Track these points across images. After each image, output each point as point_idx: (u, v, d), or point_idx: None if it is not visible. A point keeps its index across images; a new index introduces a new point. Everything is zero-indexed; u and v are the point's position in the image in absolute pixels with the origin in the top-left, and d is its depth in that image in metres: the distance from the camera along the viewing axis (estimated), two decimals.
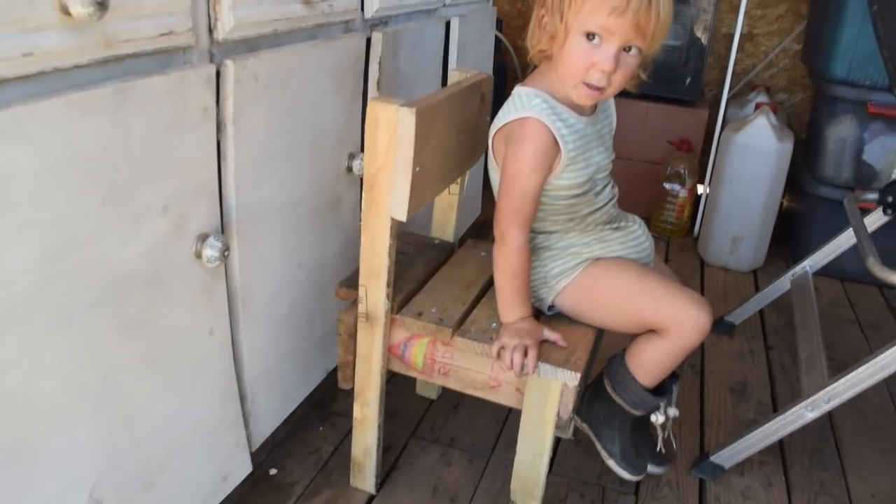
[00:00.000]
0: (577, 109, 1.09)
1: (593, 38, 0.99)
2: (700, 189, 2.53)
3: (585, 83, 1.02)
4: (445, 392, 1.54)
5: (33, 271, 0.70)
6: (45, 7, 0.66)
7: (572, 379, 1.01)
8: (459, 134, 1.14)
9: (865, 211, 1.68)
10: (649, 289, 1.10)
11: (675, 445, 1.34)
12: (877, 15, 1.35)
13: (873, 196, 1.66)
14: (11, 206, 0.66)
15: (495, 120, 1.11)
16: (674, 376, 1.27)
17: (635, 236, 1.18)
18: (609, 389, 1.19)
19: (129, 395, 0.86)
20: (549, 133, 1.04)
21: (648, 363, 1.13)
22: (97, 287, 0.78)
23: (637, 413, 1.19)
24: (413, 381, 1.54)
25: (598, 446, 1.25)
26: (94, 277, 0.78)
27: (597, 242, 1.14)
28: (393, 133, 0.96)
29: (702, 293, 2.15)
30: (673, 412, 1.26)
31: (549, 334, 1.08)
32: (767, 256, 2.35)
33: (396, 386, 1.54)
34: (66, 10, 0.68)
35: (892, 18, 1.23)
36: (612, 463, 1.24)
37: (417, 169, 0.98)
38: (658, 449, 1.23)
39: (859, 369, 1.21)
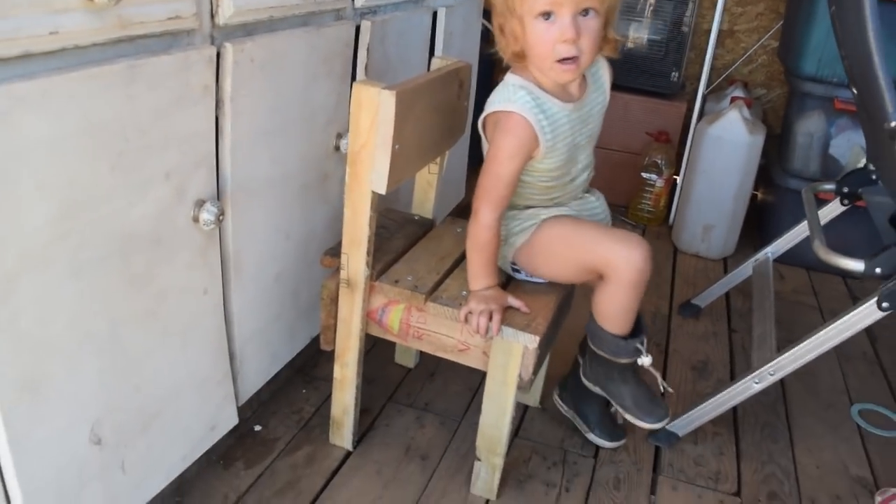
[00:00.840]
0: (564, 96, 1.17)
1: (548, 16, 1.06)
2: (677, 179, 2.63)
3: (558, 61, 1.08)
4: (422, 361, 1.64)
5: (51, 226, 0.79)
6: None
7: (532, 342, 1.11)
8: (438, 116, 1.23)
9: (826, 202, 1.79)
10: (585, 233, 1.19)
11: (622, 423, 1.43)
12: (834, 16, 1.44)
13: (831, 187, 1.76)
14: (35, 168, 0.76)
15: (487, 103, 1.18)
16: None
17: (590, 206, 1.28)
18: (592, 346, 1.28)
19: (130, 344, 0.95)
20: (530, 127, 1.12)
21: (607, 310, 1.21)
22: (106, 244, 0.87)
23: (623, 360, 1.25)
24: (392, 350, 1.64)
25: (615, 404, 1.31)
26: (104, 235, 0.87)
27: (554, 207, 1.24)
28: (375, 113, 1.05)
29: (672, 279, 2.25)
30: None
31: (513, 301, 1.17)
32: (739, 245, 2.45)
33: (376, 355, 1.63)
34: None
35: (846, 20, 1.32)
36: (629, 416, 1.29)
37: (397, 147, 1.08)
38: (662, 390, 1.29)
39: (801, 344, 1.31)
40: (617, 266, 1.15)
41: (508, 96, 1.14)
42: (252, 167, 1.13)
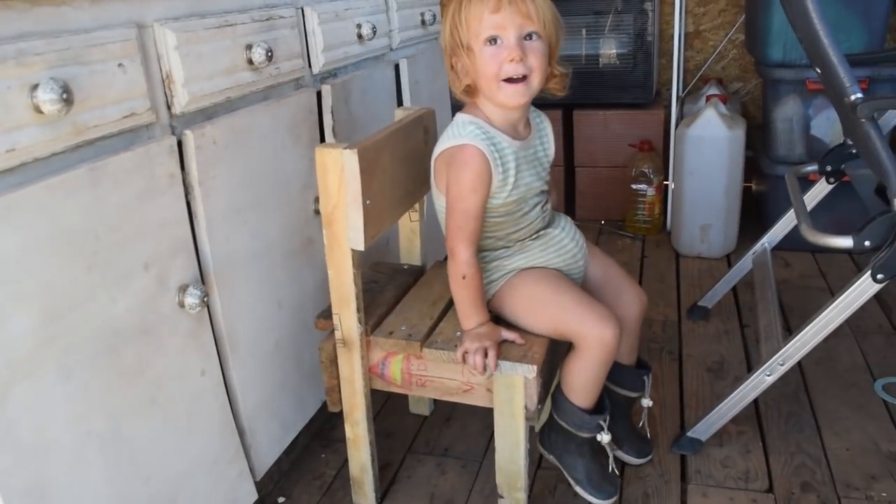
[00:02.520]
0: (512, 133, 1.21)
1: (494, 41, 1.12)
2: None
3: (505, 80, 1.12)
4: (437, 407, 1.64)
5: (34, 333, 0.81)
6: (21, 109, 0.78)
7: (531, 372, 1.11)
8: (406, 166, 1.25)
9: (813, 183, 1.79)
10: (559, 302, 1.19)
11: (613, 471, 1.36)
12: (783, 1, 1.46)
13: (814, 168, 1.77)
14: (8, 280, 0.78)
15: (436, 145, 1.22)
16: (645, 367, 1.39)
17: (555, 241, 1.26)
18: (556, 416, 1.28)
19: (133, 436, 0.96)
20: (484, 157, 1.15)
21: (575, 382, 1.22)
22: (93, 342, 0.89)
23: (584, 435, 1.26)
24: (406, 401, 1.64)
25: (566, 474, 1.32)
26: (89, 334, 0.89)
27: (518, 253, 1.25)
28: (341, 173, 1.08)
29: (677, 283, 2.25)
30: (647, 402, 1.39)
31: (508, 334, 1.18)
32: (741, 240, 2.44)
33: (391, 408, 1.64)
34: (38, 109, 0.80)
35: (792, 3, 1.34)
36: (579, 489, 1.31)
37: (368, 202, 1.10)
38: (610, 469, 1.30)
39: (804, 330, 1.30)
40: (586, 342, 1.17)
41: (458, 132, 1.17)
42: (232, 244, 1.16)
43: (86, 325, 0.88)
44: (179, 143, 1.05)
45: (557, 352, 1.25)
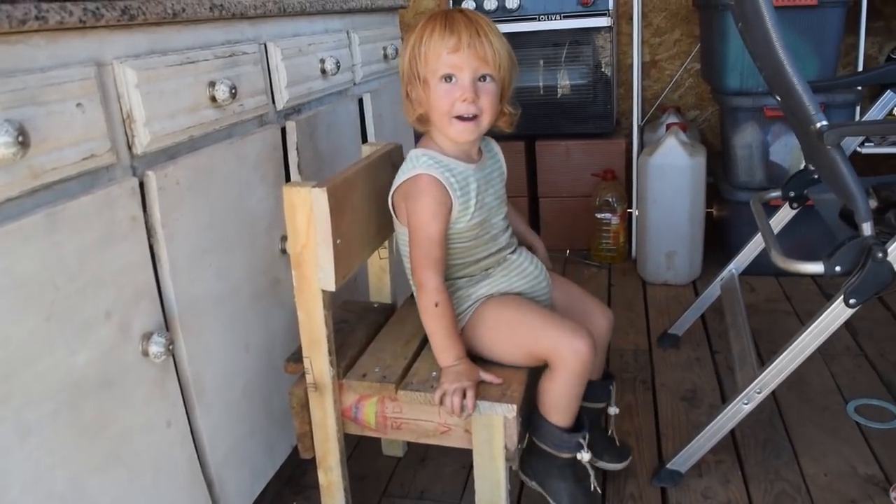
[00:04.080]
0: (465, 158, 1.23)
1: (449, 79, 1.15)
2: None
3: (457, 117, 1.16)
4: (411, 448, 1.60)
5: None
6: None
7: (510, 411, 1.08)
8: (375, 202, 1.23)
9: (777, 208, 1.81)
10: (529, 323, 1.19)
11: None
12: (743, 32, 1.48)
13: (777, 194, 1.78)
14: None
15: (393, 182, 1.23)
16: (609, 378, 1.39)
17: (516, 265, 1.27)
18: (535, 440, 1.25)
19: (96, 496, 0.91)
20: (440, 183, 1.16)
21: (552, 400, 1.20)
22: (52, 397, 0.84)
23: (565, 455, 1.23)
24: (379, 443, 1.59)
25: (549, 500, 1.28)
26: (48, 388, 0.84)
27: (482, 280, 1.25)
28: (310, 212, 1.04)
29: (645, 311, 2.25)
30: (613, 410, 1.39)
31: (485, 375, 1.15)
32: (706, 266, 2.46)
33: (363, 450, 1.59)
34: None
35: (753, 34, 1.36)
36: None
37: (338, 241, 1.07)
38: (592, 488, 1.27)
39: (780, 357, 1.30)
40: (562, 356, 1.15)
41: (413, 165, 1.20)
42: (197, 287, 1.11)
43: (44, 380, 0.83)
44: (141, 185, 1.00)
45: (533, 390, 1.22)
